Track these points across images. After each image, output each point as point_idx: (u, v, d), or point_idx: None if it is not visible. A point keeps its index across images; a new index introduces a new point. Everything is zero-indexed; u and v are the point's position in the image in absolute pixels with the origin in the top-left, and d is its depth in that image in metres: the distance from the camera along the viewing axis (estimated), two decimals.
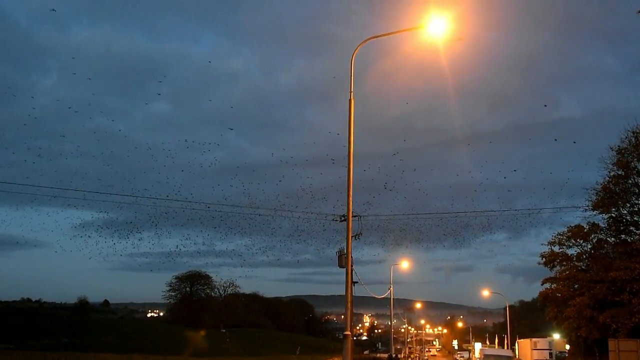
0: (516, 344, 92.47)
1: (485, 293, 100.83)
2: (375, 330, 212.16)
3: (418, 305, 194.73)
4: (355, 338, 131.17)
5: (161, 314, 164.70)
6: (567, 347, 74.02)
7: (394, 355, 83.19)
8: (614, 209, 51.77)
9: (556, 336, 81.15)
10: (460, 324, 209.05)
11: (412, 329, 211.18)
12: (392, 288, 79.68)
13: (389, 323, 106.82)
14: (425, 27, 22.62)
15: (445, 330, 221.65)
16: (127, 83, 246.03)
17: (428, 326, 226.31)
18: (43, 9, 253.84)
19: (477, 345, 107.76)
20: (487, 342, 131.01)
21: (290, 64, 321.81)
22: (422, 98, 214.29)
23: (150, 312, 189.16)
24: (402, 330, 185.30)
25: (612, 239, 54.04)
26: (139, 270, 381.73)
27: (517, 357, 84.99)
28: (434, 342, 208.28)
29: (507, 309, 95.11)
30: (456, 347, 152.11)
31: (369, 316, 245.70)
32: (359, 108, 23.51)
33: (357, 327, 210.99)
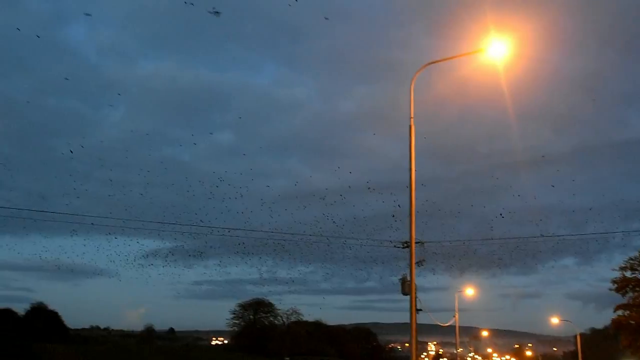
0: None
1: (555, 320, 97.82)
2: (441, 359, 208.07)
3: (484, 333, 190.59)
4: None
5: (225, 341, 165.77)
6: None
7: None
8: None
9: None
10: (529, 353, 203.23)
11: (479, 357, 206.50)
12: (457, 315, 78.35)
13: (455, 351, 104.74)
14: (485, 50, 22.40)
15: (513, 359, 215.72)
16: (191, 113, 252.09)
17: (495, 355, 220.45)
18: (112, 45, 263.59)
19: None
20: None
21: (350, 90, 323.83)
22: (484, 121, 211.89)
23: (215, 340, 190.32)
24: (469, 359, 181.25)
25: None
26: (204, 298, 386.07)
27: None
28: None
29: (578, 337, 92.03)
30: None
31: (434, 344, 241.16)
32: (420, 133, 23.37)
33: (422, 356, 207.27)
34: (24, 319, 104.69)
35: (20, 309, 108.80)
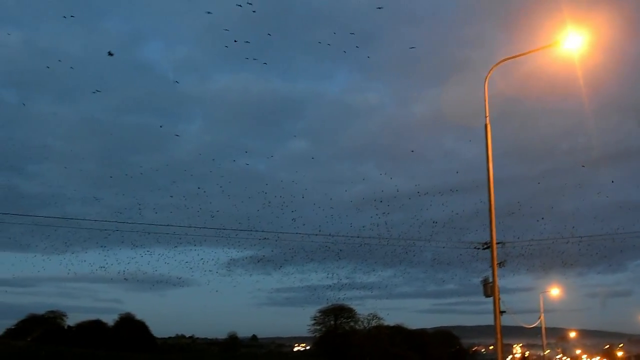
0: None
1: None
2: None
3: (572, 334, 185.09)
4: None
5: (307, 347, 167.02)
6: None
7: None
8: None
9: None
10: (620, 353, 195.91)
11: (567, 359, 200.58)
12: (542, 316, 76.47)
13: (542, 354, 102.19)
14: (560, 42, 21.78)
15: None
16: (265, 124, 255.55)
17: (585, 356, 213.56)
18: (187, 61, 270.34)
19: None
20: None
21: (423, 93, 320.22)
22: (563, 116, 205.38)
23: (297, 346, 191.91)
24: None
25: None
26: (284, 305, 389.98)
27: None
28: None
29: None
30: None
31: (519, 346, 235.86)
32: (496, 132, 22.93)
33: (508, 358, 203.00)
34: (113, 329, 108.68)
35: (110, 319, 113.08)
